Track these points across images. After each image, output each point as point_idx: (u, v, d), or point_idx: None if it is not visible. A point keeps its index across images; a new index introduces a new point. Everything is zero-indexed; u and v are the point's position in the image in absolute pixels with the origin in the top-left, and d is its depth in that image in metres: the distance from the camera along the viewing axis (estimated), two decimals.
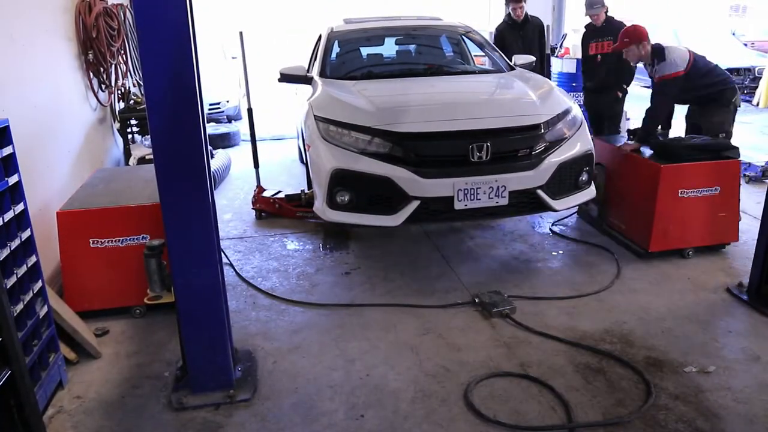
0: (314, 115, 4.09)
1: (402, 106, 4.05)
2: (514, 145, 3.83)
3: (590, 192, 4.17)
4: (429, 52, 5.82)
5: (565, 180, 3.96)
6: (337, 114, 4.02)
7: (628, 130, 5.10)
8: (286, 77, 5.14)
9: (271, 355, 3.25)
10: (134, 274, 3.44)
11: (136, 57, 5.93)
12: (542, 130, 3.89)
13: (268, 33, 18.01)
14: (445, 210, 3.76)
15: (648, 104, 4.49)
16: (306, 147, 4.23)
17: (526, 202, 3.89)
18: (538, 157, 3.84)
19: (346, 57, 5.45)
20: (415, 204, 3.70)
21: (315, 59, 5.52)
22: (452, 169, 3.71)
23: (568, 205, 4.03)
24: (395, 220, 3.74)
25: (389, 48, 5.92)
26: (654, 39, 4.56)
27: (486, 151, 3.72)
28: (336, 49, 5.40)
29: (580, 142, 4.04)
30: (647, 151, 4.39)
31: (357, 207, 3.81)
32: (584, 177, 4.08)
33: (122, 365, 3.19)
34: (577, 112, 4.26)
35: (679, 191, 4.14)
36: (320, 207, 3.91)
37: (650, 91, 4.62)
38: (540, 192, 3.83)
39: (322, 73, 4.96)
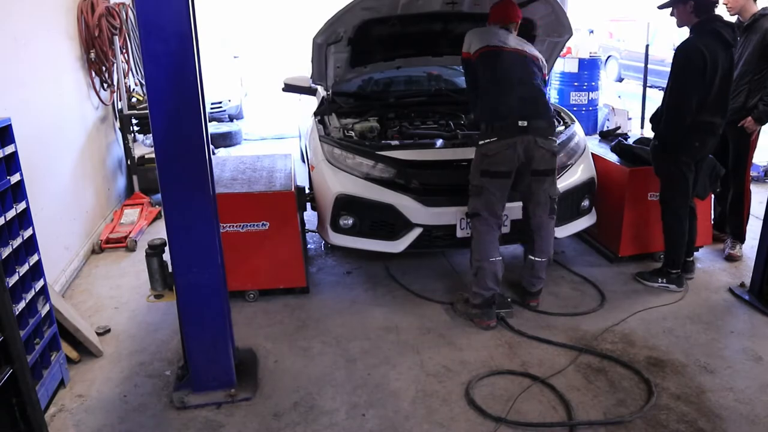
0: (319, 136, 4.07)
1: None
2: None
3: (591, 218, 4.14)
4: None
5: (566, 207, 3.94)
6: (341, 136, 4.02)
7: (600, 132, 5.07)
8: (290, 88, 5.09)
9: (273, 354, 3.25)
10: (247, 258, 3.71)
11: (138, 56, 5.93)
12: None
13: (273, 30, 17.99)
14: (447, 238, 3.78)
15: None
16: (310, 167, 4.21)
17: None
18: None
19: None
20: (417, 231, 3.72)
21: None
22: (455, 197, 3.70)
23: (569, 231, 4.01)
24: (397, 246, 3.76)
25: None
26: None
27: None
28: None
29: (583, 169, 4.01)
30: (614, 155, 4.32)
31: (360, 232, 3.81)
32: (586, 203, 4.06)
33: (124, 364, 3.19)
34: (580, 137, 4.21)
35: (648, 195, 4.08)
36: (324, 230, 3.92)
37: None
38: None
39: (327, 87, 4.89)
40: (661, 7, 3.68)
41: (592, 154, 4.27)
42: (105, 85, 5.36)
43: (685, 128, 3.55)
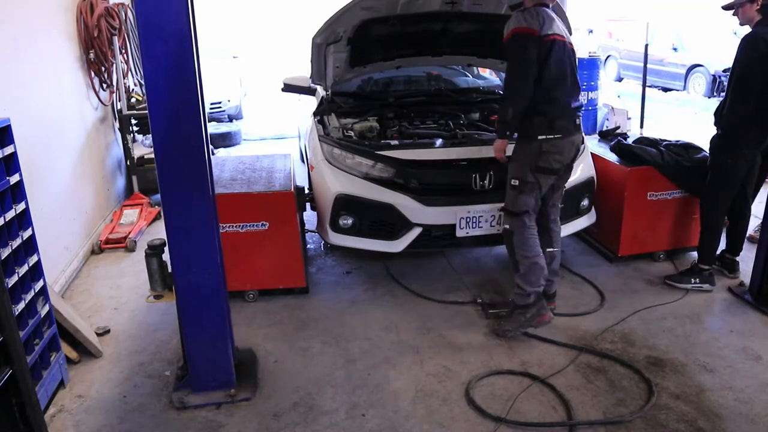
0: (318, 136, 4.06)
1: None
2: None
3: (591, 217, 4.15)
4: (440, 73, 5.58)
5: (566, 206, 3.91)
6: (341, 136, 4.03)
7: (600, 132, 5.07)
8: (289, 88, 5.08)
9: (273, 354, 3.25)
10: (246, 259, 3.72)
11: (137, 56, 5.93)
12: None
13: (273, 30, 17.98)
14: (447, 237, 3.78)
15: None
16: (309, 167, 4.21)
17: None
18: None
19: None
20: (417, 231, 3.72)
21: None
22: (455, 197, 3.71)
23: (568, 231, 4.00)
24: (397, 246, 3.76)
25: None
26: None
27: (489, 180, 3.72)
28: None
29: (582, 169, 4.00)
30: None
31: (360, 231, 3.81)
32: (585, 203, 4.06)
33: (123, 364, 3.19)
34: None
35: (648, 194, 4.08)
36: (323, 230, 3.92)
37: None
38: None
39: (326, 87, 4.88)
40: (725, 8, 3.68)
41: (592, 153, 4.27)
42: (104, 86, 5.36)
43: (749, 116, 3.55)
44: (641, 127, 7.78)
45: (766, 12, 3.52)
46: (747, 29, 3.60)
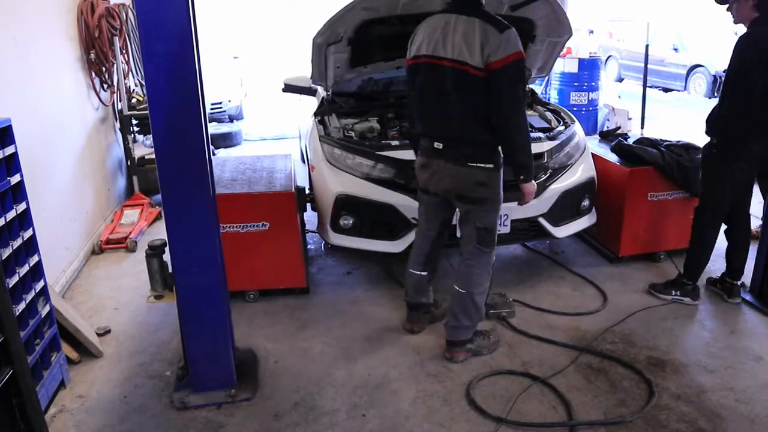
0: (319, 137, 4.06)
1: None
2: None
3: (591, 218, 4.15)
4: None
5: (566, 207, 3.94)
6: (341, 136, 4.02)
7: (600, 132, 5.06)
8: (290, 88, 5.08)
9: (273, 354, 3.25)
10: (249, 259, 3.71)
11: (138, 56, 5.93)
12: (545, 159, 3.88)
13: (273, 30, 17.97)
14: (447, 237, 3.77)
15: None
16: (310, 168, 4.20)
17: (528, 230, 3.89)
18: (541, 185, 3.81)
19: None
20: None
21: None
22: None
23: (569, 231, 4.01)
24: (398, 246, 3.76)
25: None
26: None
27: None
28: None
29: (583, 169, 4.01)
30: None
31: (360, 232, 3.81)
32: (586, 203, 4.06)
33: (124, 365, 3.19)
34: (580, 137, 4.21)
35: (649, 194, 4.08)
36: (324, 230, 3.91)
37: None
38: (541, 220, 3.83)
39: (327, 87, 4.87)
40: (719, 1, 3.43)
41: (592, 154, 4.27)
42: (105, 86, 5.37)
43: (747, 125, 3.31)
44: (642, 127, 7.78)
45: (763, 9, 3.27)
46: (743, 29, 3.41)
